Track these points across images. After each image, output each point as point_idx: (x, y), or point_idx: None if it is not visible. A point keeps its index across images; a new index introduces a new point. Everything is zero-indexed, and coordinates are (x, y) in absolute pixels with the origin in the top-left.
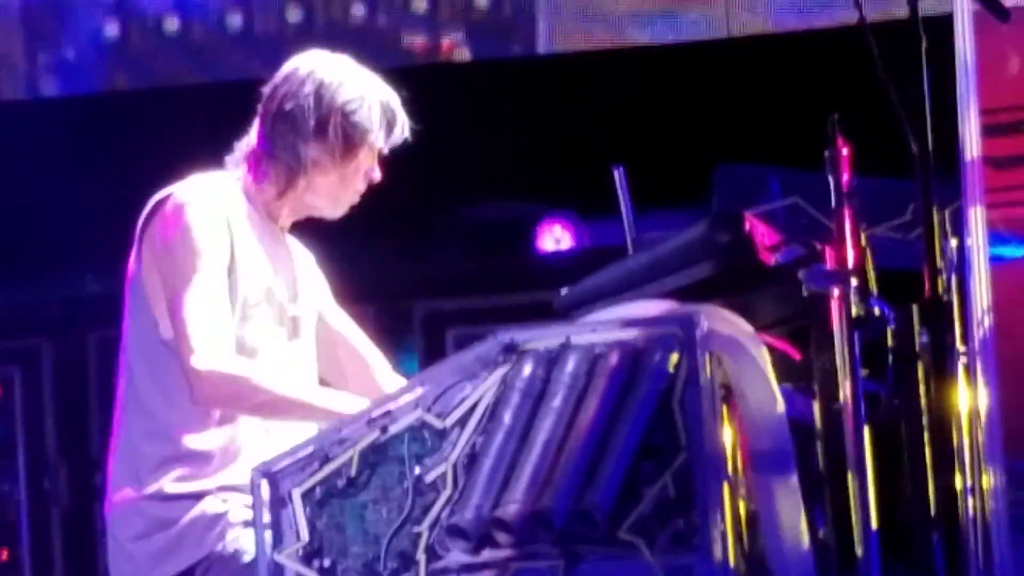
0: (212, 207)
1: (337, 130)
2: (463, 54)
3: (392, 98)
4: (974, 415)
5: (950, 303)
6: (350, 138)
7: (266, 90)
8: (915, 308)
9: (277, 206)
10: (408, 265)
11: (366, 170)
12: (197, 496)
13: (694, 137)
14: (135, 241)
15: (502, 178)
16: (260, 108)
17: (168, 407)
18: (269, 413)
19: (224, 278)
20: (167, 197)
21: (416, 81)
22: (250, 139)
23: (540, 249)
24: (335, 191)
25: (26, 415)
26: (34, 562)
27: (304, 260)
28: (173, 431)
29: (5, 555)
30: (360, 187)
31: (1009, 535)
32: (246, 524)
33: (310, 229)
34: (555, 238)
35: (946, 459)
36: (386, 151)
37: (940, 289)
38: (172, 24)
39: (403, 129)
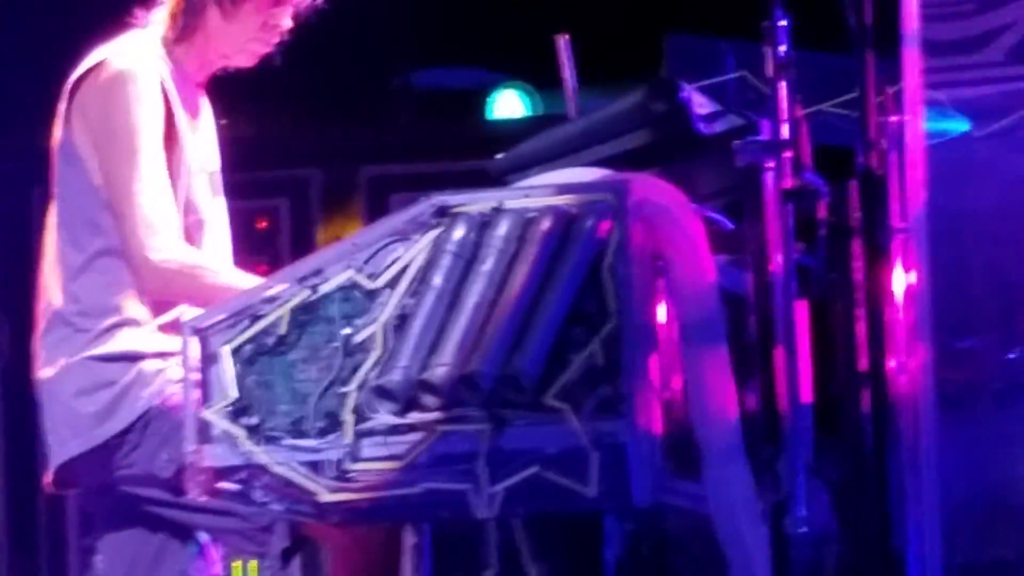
0: (147, 77)
1: None
2: None
3: None
4: (906, 293)
5: (885, 179)
6: None
7: None
8: (852, 183)
9: (186, 57)
10: (355, 130)
11: (270, 19)
12: (136, 357)
13: (644, 7)
14: (65, 103)
15: (457, 46)
16: None
17: (103, 274)
18: (205, 303)
19: (162, 156)
20: (100, 64)
21: None
22: None
23: (491, 117)
24: (234, 36)
25: None
26: None
27: (209, 109)
28: (111, 300)
29: None
30: (266, 36)
31: (936, 413)
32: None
33: (259, 89)
34: (508, 106)
35: (877, 336)
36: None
37: (876, 164)
38: None
39: None
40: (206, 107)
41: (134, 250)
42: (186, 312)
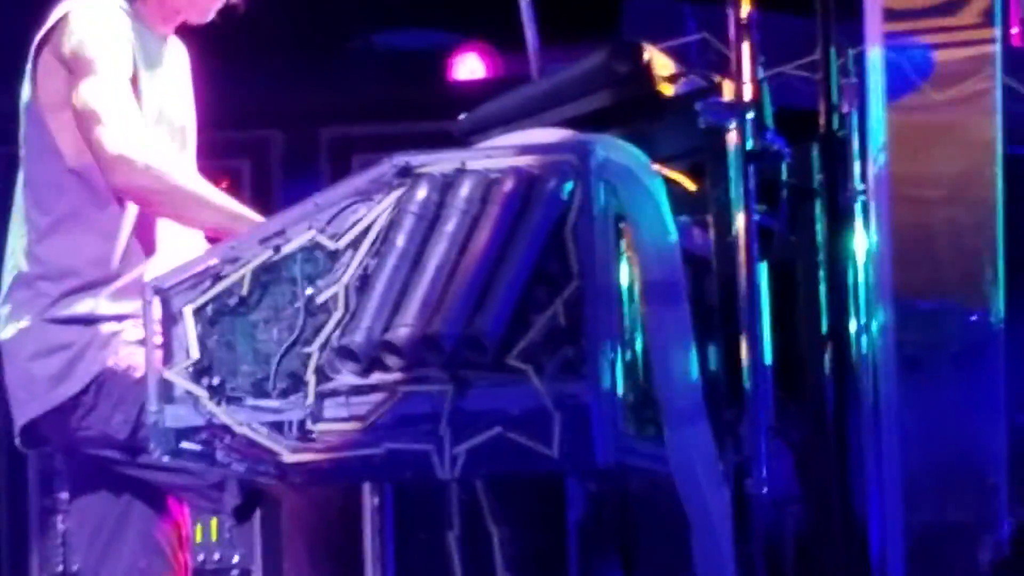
0: (113, 17)
1: None
2: None
3: None
4: (868, 255)
5: (847, 141)
6: None
7: None
8: (813, 145)
9: (145, 11)
10: (317, 91)
11: None
12: (93, 320)
13: None
14: (31, 61)
15: (418, 6)
16: None
17: (66, 236)
18: (180, 210)
19: (128, 81)
20: (66, 14)
21: None
22: None
23: (453, 78)
24: None
25: None
26: None
27: (183, 64)
28: (72, 263)
29: None
30: None
31: (897, 375)
32: (140, 343)
33: (220, 50)
34: (469, 68)
35: (839, 297)
36: None
37: (837, 127)
38: None
39: None
40: (180, 62)
41: (97, 142)
42: (148, 272)
